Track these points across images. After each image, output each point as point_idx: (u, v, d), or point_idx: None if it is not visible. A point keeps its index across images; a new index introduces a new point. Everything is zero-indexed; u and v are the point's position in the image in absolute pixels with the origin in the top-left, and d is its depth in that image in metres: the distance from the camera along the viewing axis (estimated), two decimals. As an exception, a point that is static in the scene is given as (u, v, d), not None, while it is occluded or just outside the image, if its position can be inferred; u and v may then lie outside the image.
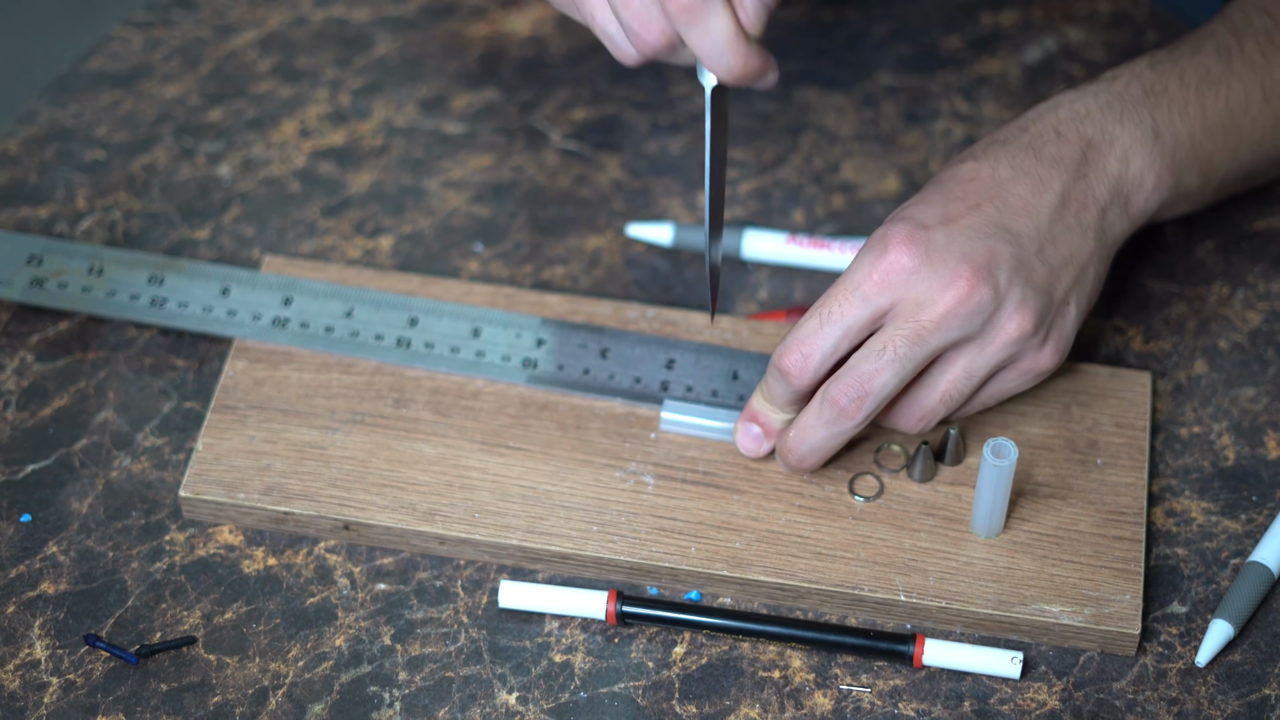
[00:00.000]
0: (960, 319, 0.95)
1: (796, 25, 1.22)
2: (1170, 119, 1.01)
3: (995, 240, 0.96)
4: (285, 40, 1.21)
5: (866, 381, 0.95)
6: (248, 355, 1.05)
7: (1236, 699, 0.95)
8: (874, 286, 0.95)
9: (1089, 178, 0.99)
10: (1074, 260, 0.98)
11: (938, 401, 0.98)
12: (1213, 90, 1.02)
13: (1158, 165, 1.00)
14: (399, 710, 0.95)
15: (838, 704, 0.95)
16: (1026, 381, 0.99)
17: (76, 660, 0.96)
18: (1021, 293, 0.96)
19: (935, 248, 0.95)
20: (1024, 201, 0.97)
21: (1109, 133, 1.00)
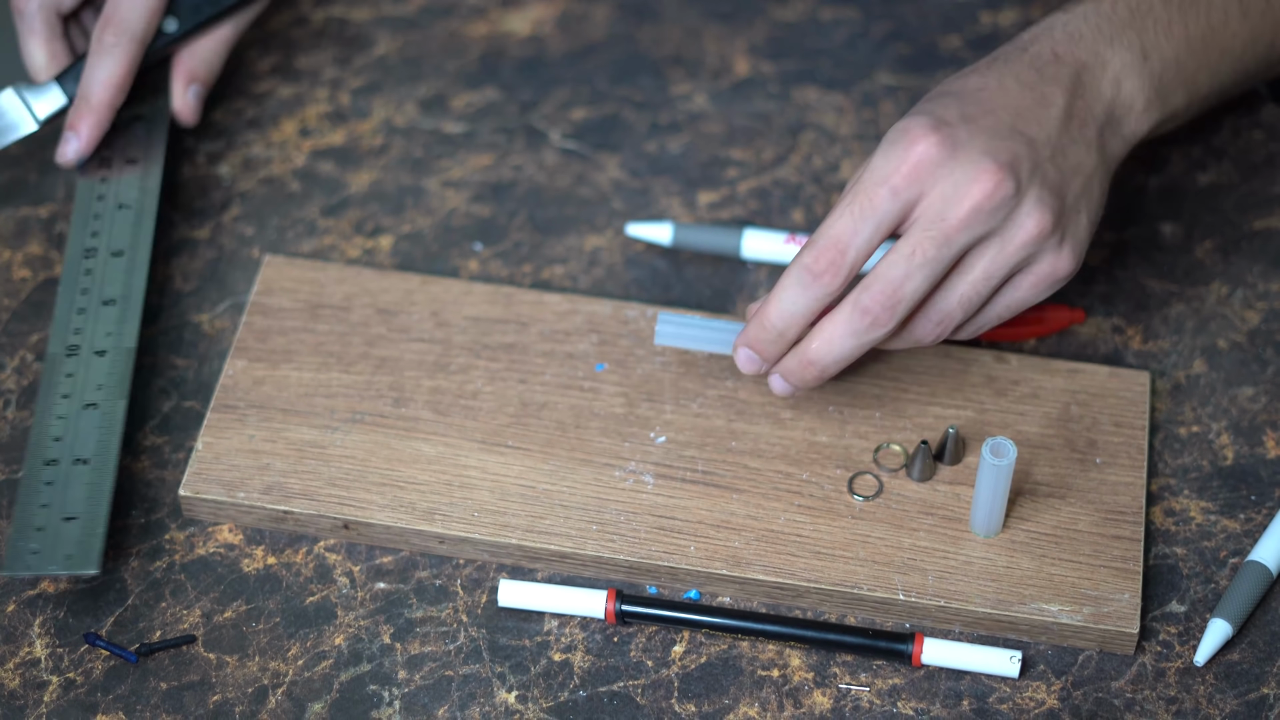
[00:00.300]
0: (985, 214, 0.94)
1: (796, 25, 1.22)
2: (1157, 40, 1.01)
3: (1013, 140, 0.95)
4: (285, 40, 1.22)
5: (899, 288, 0.94)
6: (248, 354, 1.05)
7: (1235, 698, 0.95)
8: (903, 179, 0.94)
9: (1086, 97, 0.99)
10: (1080, 170, 0.98)
11: (956, 305, 0.96)
12: (1194, 7, 1.03)
13: (1147, 88, 1.01)
14: (398, 709, 0.95)
15: (837, 703, 0.95)
16: (1044, 289, 0.98)
17: (76, 659, 0.96)
18: (1039, 192, 0.95)
19: (960, 142, 0.95)
20: (1032, 112, 0.97)
21: (1101, 56, 1.00)
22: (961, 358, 1.05)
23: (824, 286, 0.94)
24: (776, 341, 0.97)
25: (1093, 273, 1.10)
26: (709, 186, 1.15)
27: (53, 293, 1.10)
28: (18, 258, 1.11)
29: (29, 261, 1.11)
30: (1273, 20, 1.06)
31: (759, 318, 0.97)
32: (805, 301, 0.95)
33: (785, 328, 0.96)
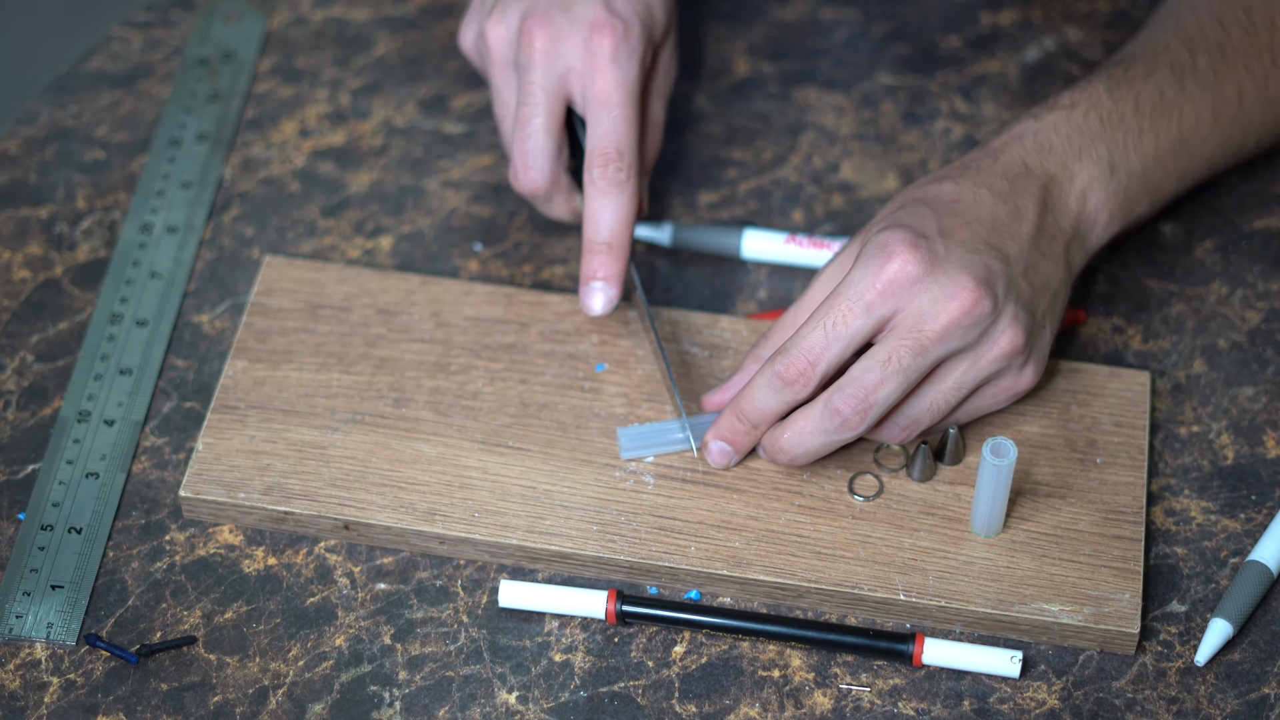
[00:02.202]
0: (962, 330, 0.95)
1: (796, 25, 1.22)
2: (1126, 153, 1.03)
3: (989, 256, 0.97)
4: (285, 40, 1.22)
5: (871, 393, 0.95)
6: (248, 355, 1.05)
7: (1236, 698, 0.95)
8: (878, 295, 0.95)
9: (1054, 211, 1.00)
10: (1049, 286, 0.99)
11: (925, 412, 0.98)
12: (1165, 116, 1.04)
13: (1110, 203, 1.02)
14: (399, 710, 0.95)
15: (837, 703, 0.95)
16: (1003, 401, 1.00)
17: (77, 660, 0.96)
18: (1014, 309, 0.97)
19: (938, 258, 0.95)
20: (1007, 226, 0.98)
21: (1070, 169, 1.01)
22: (962, 358, 1.05)
23: (794, 393, 0.96)
24: (749, 434, 0.99)
25: (1093, 273, 1.10)
26: (709, 186, 1.15)
27: (53, 293, 1.10)
28: (18, 258, 1.11)
29: (29, 262, 1.11)
30: (1243, 124, 1.07)
31: (732, 412, 0.99)
32: (775, 403, 0.97)
33: (758, 421, 0.98)
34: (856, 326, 0.95)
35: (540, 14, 1.03)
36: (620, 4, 1.04)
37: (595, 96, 1.03)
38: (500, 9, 1.05)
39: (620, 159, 1.03)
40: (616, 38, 1.03)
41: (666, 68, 1.08)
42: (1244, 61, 1.07)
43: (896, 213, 0.99)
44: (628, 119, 1.03)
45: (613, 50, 1.03)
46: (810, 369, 0.96)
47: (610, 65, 1.03)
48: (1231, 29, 1.07)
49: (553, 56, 1.03)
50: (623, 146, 1.03)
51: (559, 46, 1.03)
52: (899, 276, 0.95)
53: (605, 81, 1.03)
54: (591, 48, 1.03)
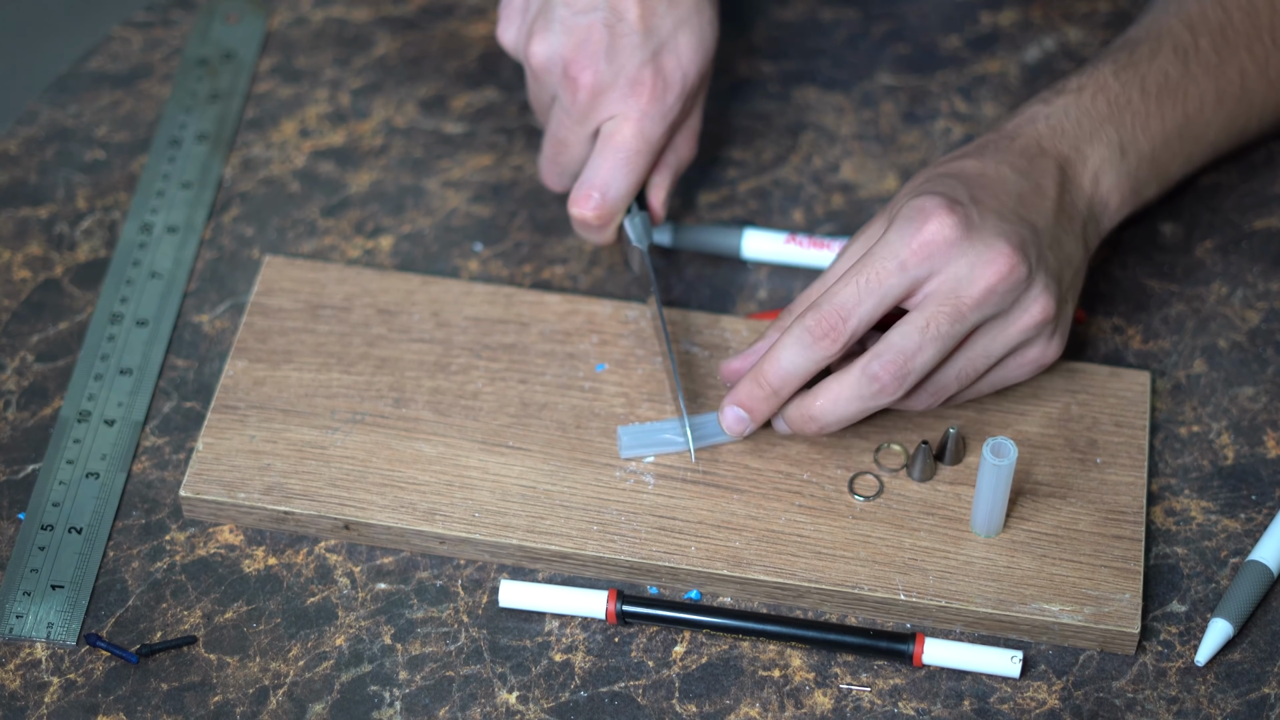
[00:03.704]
0: (999, 295, 0.96)
1: (796, 25, 1.22)
2: (1134, 135, 1.03)
3: (1021, 225, 0.97)
4: (285, 40, 1.22)
5: (910, 359, 0.95)
6: (248, 355, 1.05)
7: (1236, 698, 0.95)
8: (914, 256, 0.95)
9: (1071, 191, 1.01)
10: (1071, 262, 1.00)
11: (953, 379, 0.98)
12: (1171, 98, 1.04)
13: (1122, 185, 1.03)
14: (399, 709, 0.95)
15: (837, 703, 0.95)
16: (1028, 372, 1.00)
17: (77, 660, 0.96)
18: (1045, 278, 0.97)
19: (974, 223, 0.96)
20: (1031, 200, 0.99)
21: (1082, 152, 1.02)
22: (962, 358, 1.05)
23: (823, 350, 0.96)
24: (770, 399, 0.98)
25: (1093, 273, 1.10)
26: (709, 186, 1.15)
27: (53, 293, 1.10)
28: (18, 258, 1.11)
29: (29, 262, 1.11)
30: (1246, 105, 1.07)
31: (755, 375, 0.98)
32: (803, 362, 0.96)
33: (780, 385, 0.97)
34: (891, 284, 0.95)
35: (586, 58, 1.03)
36: (667, 59, 1.04)
37: (611, 136, 1.04)
38: (544, 24, 1.04)
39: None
40: (653, 97, 1.04)
41: (708, 77, 1.08)
42: (1245, 44, 1.07)
43: (925, 184, 0.99)
44: (634, 170, 1.04)
45: (646, 107, 1.04)
46: (841, 324, 0.95)
47: (638, 120, 1.04)
48: (1233, 11, 1.07)
49: (592, 109, 1.04)
50: (613, 192, 1.04)
51: (600, 100, 1.04)
52: (936, 238, 0.95)
53: (629, 131, 1.04)
54: (628, 101, 1.03)
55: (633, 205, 1.05)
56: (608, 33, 1.03)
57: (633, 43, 1.03)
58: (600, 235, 1.05)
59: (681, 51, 1.04)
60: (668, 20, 1.04)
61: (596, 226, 1.05)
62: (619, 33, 1.03)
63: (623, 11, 1.03)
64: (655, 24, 1.04)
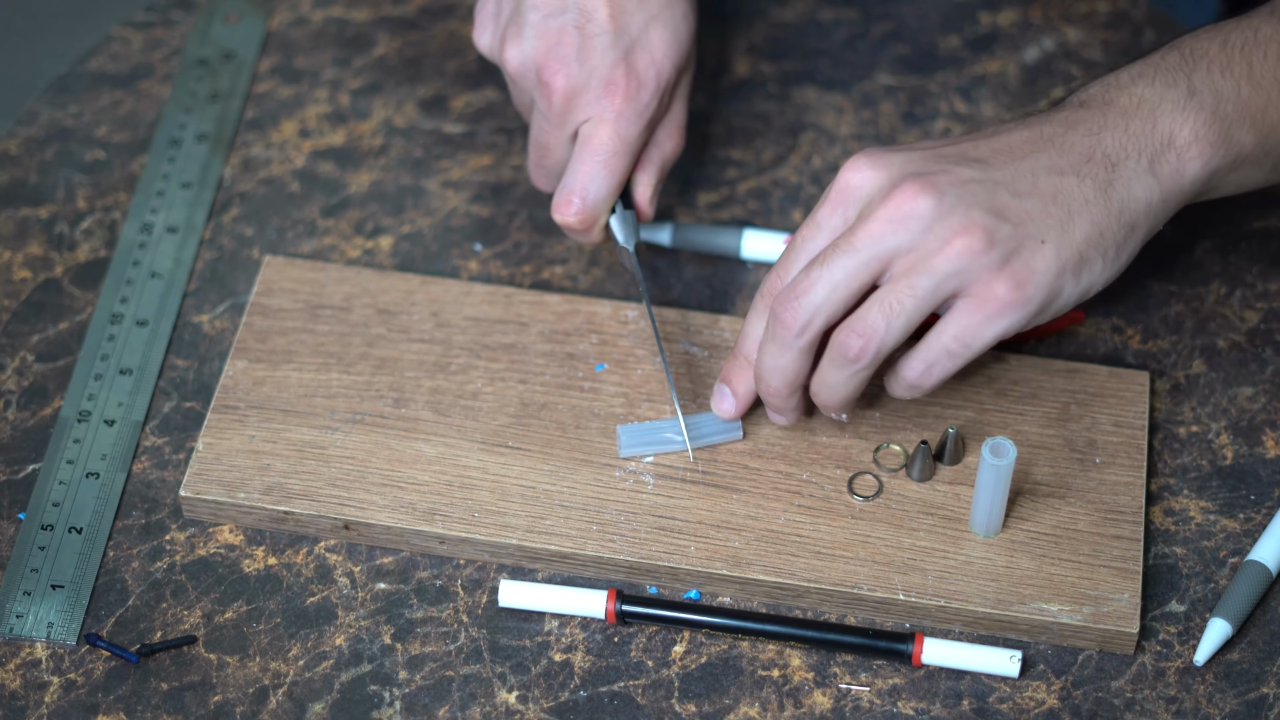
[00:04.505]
0: (894, 224, 0.93)
1: (796, 25, 1.22)
2: (1210, 78, 0.97)
3: (958, 164, 0.94)
4: (285, 40, 1.22)
5: (804, 296, 0.94)
6: (248, 355, 1.05)
7: (1235, 697, 0.95)
8: (827, 206, 0.95)
9: (1102, 134, 0.95)
10: (1060, 203, 0.94)
11: (878, 315, 0.93)
12: (1261, 49, 0.98)
13: (1193, 122, 0.96)
14: (399, 709, 0.95)
15: (837, 703, 0.95)
16: (985, 318, 0.93)
17: (77, 659, 0.97)
18: (969, 211, 0.92)
19: (890, 164, 0.95)
20: (1011, 147, 0.95)
21: (1137, 95, 0.96)
22: (961, 358, 1.05)
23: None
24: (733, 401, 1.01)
25: (1092, 272, 1.10)
26: (709, 186, 1.15)
27: (53, 293, 1.10)
28: (18, 258, 1.11)
29: (29, 262, 1.11)
30: None
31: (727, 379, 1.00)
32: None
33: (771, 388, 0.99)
34: (816, 242, 0.96)
35: (558, 62, 1.03)
36: (640, 57, 1.04)
37: (588, 139, 1.04)
38: (516, 30, 1.04)
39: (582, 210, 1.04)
40: (627, 96, 1.03)
41: (688, 70, 1.08)
42: None
43: None
44: (613, 172, 1.04)
45: (620, 108, 1.03)
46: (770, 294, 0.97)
47: (614, 121, 1.03)
48: None
49: (568, 112, 1.04)
50: (593, 195, 1.04)
51: (574, 103, 1.04)
52: (845, 185, 0.95)
53: (605, 133, 1.03)
54: (602, 102, 1.03)
55: (617, 205, 1.05)
56: (578, 34, 1.03)
57: (604, 43, 1.03)
58: (586, 237, 1.05)
59: (654, 48, 1.04)
60: (638, 17, 1.04)
61: (580, 230, 1.05)
62: (589, 34, 1.03)
63: (592, 12, 1.03)
64: (626, 22, 1.03)
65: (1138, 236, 0.96)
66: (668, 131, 1.07)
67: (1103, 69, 1.19)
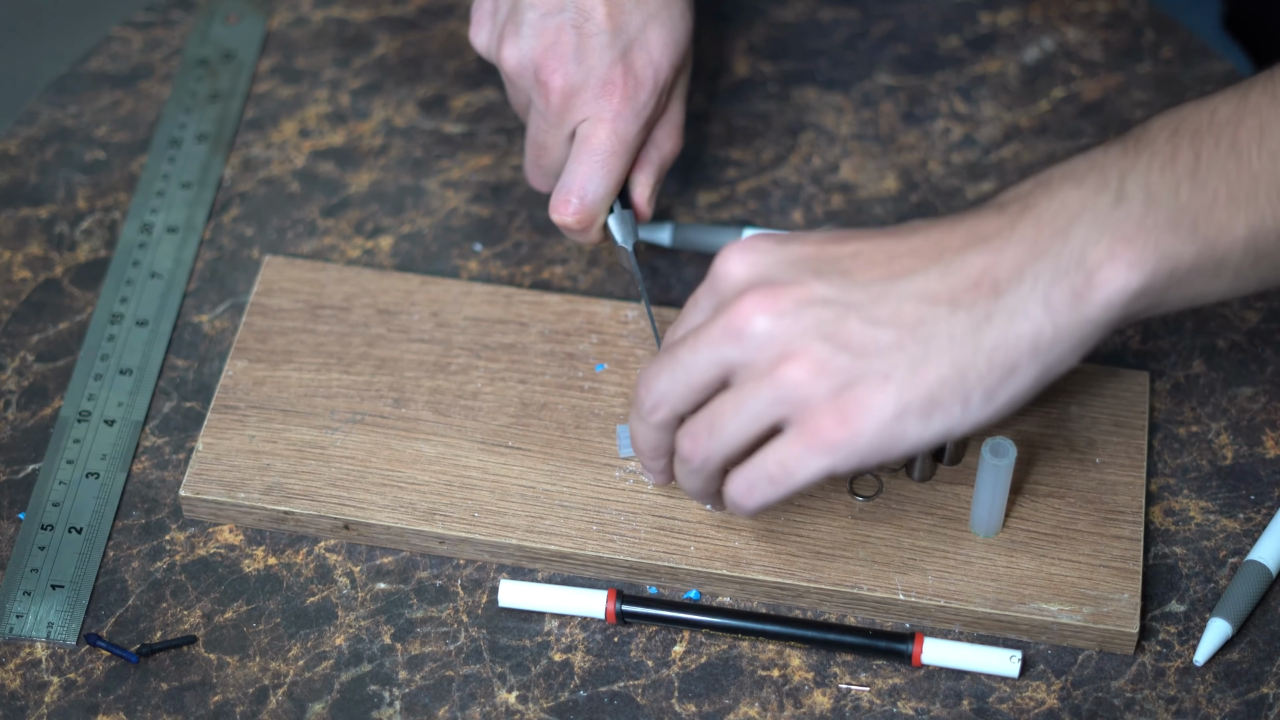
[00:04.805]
0: (729, 336, 0.87)
1: (796, 25, 1.22)
2: (1146, 177, 0.84)
3: (820, 276, 0.86)
4: (285, 40, 1.22)
5: (643, 390, 0.91)
6: (248, 355, 1.05)
7: (1235, 697, 0.95)
8: (702, 289, 0.90)
9: (1003, 252, 0.84)
10: (919, 337, 0.84)
11: (705, 425, 0.88)
12: (1214, 136, 0.84)
13: (1110, 237, 0.83)
14: (399, 709, 0.95)
15: (837, 703, 0.95)
16: (808, 451, 0.86)
17: (77, 659, 0.97)
18: (804, 336, 0.85)
19: (755, 262, 0.88)
20: (893, 258, 0.86)
21: (1059, 201, 0.84)
22: (961, 358, 1.05)
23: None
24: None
25: (1092, 272, 1.10)
26: (709, 186, 1.15)
27: (53, 293, 1.10)
28: (18, 258, 1.11)
29: (29, 262, 1.11)
30: None
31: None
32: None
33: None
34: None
35: (556, 61, 1.03)
36: (637, 56, 1.03)
37: (586, 139, 1.03)
38: (514, 29, 1.04)
39: (580, 206, 1.03)
40: (625, 96, 1.03)
41: (686, 69, 1.08)
42: None
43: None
44: (611, 171, 1.03)
45: (618, 107, 1.03)
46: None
47: (612, 120, 1.03)
48: None
49: (565, 112, 1.04)
50: (591, 195, 1.03)
51: (572, 102, 1.03)
52: (716, 270, 0.89)
53: (603, 132, 1.03)
54: (599, 102, 1.03)
55: (615, 204, 1.05)
56: (576, 34, 1.03)
57: (601, 42, 1.03)
58: (584, 237, 1.05)
59: (652, 47, 1.04)
60: (636, 17, 1.04)
61: (579, 230, 1.04)
62: (587, 33, 1.03)
63: (589, 11, 1.03)
64: (623, 22, 1.03)
65: (1022, 378, 0.85)
66: (665, 131, 1.07)
67: (1102, 69, 1.19)
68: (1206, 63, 1.19)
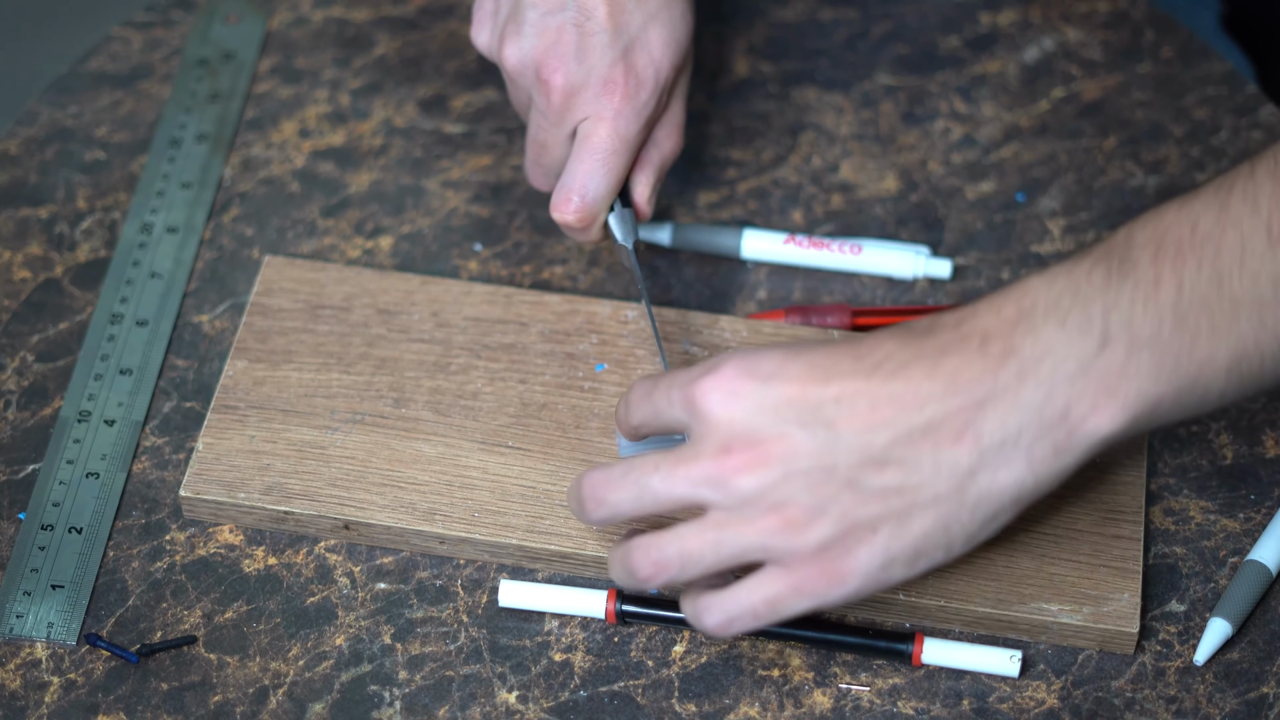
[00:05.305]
0: (713, 485, 0.86)
1: (796, 25, 1.22)
2: (1130, 314, 0.84)
3: (804, 425, 0.85)
4: (285, 40, 1.22)
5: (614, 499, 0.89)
6: (248, 355, 1.05)
7: (1235, 697, 0.95)
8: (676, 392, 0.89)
9: (985, 406, 0.84)
10: (905, 494, 0.85)
11: (675, 553, 0.87)
12: (1195, 256, 0.83)
13: (1094, 389, 0.84)
14: (399, 709, 0.95)
15: (837, 703, 0.95)
16: (797, 593, 0.87)
17: (77, 660, 0.97)
18: (790, 494, 0.85)
19: (737, 410, 0.86)
20: (875, 404, 0.85)
21: (1043, 344, 0.84)
22: (961, 358, 1.05)
23: None
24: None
25: (1092, 272, 1.10)
26: (709, 186, 1.15)
27: (53, 293, 1.10)
28: (18, 258, 1.11)
29: (29, 262, 1.11)
30: None
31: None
32: None
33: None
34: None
35: (557, 60, 1.03)
36: (638, 55, 1.03)
37: (587, 138, 1.03)
38: (515, 28, 1.04)
39: (581, 205, 1.03)
40: (625, 95, 1.03)
41: (687, 69, 1.08)
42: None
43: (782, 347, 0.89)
44: (612, 170, 1.03)
45: (619, 106, 1.03)
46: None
47: (612, 119, 1.03)
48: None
49: (566, 110, 1.04)
50: (591, 193, 1.03)
51: (573, 101, 1.03)
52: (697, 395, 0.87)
53: (604, 131, 1.03)
54: (600, 101, 1.03)
55: (616, 203, 1.05)
56: (577, 33, 1.03)
57: (602, 41, 1.03)
58: (585, 236, 1.05)
59: (653, 47, 1.04)
60: (637, 16, 1.04)
61: (579, 229, 1.04)
62: (588, 32, 1.03)
63: (591, 10, 1.03)
64: (624, 21, 1.03)
65: (1003, 519, 0.87)
66: (666, 131, 1.07)
67: (1102, 69, 1.19)
68: (1206, 63, 1.19)
